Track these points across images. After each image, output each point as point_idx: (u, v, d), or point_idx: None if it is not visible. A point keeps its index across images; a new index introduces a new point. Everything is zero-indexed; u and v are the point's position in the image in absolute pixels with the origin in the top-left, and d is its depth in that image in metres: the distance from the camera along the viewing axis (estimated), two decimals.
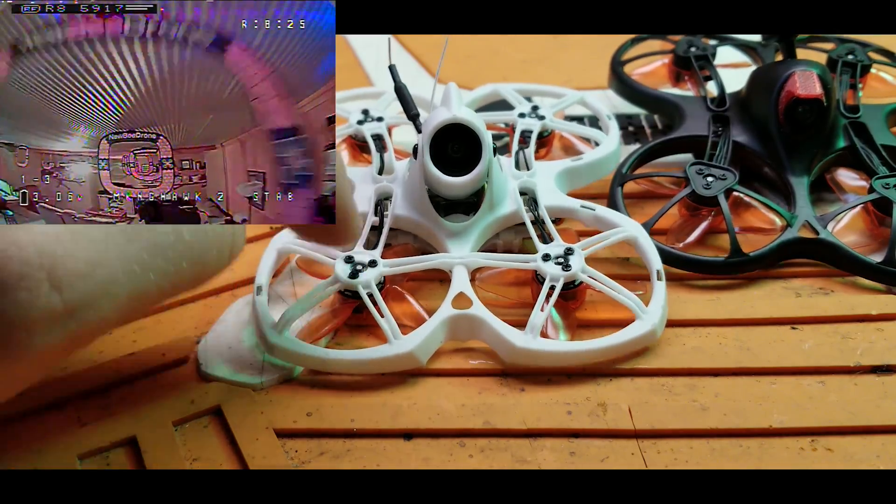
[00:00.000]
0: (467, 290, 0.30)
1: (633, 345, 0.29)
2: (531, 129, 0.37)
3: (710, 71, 0.41)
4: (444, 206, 0.32)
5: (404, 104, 0.34)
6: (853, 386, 0.28)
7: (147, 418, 0.28)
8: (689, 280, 0.33)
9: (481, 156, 0.31)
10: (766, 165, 0.36)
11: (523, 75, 0.47)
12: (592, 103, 0.39)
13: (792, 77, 0.36)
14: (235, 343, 0.30)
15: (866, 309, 0.31)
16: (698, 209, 0.34)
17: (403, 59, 0.48)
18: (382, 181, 0.34)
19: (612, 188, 0.36)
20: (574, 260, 0.30)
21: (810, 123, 0.36)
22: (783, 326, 0.31)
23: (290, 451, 0.27)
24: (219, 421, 0.28)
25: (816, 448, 0.27)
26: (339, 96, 0.39)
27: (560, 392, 0.28)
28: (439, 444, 0.27)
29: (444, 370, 0.29)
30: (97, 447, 0.27)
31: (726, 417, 0.27)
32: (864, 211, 0.34)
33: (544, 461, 0.26)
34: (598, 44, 0.46)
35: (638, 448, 0.27)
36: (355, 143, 0.38)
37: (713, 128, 0.38)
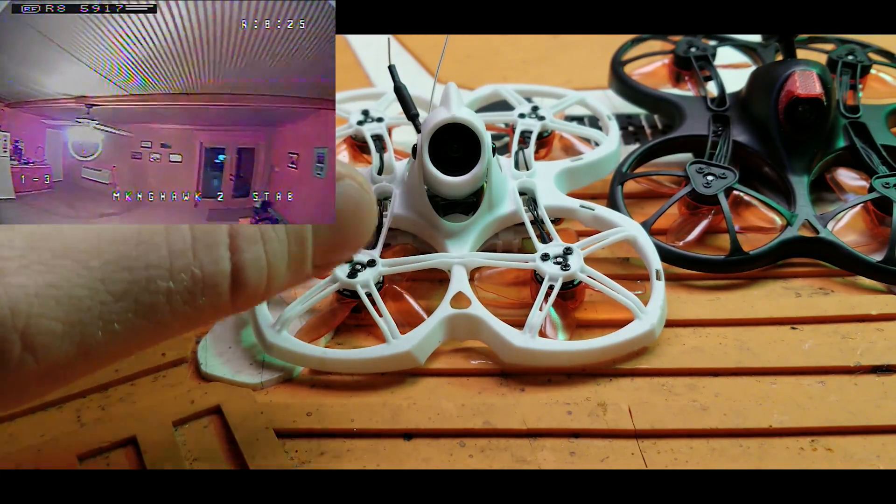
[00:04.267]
0: (466, 290, 0.30)
1: (632, 344, 0.29)
2: (531, 130, 0.37)
3: (710, 71, 0.41)
4: (443, 206, 0.32)
5: (404, 104, 0.34)
6: (853, 386, 0.28)
7: (147, 418, 0.28)
8: (688, 280, 0.33)
9: (480, 156, 0.31)
10: (767, 165, 0.36)
11: (523, 75, 0.47)
12: (592, 103, 0.39)
13: (792, 77, 0.36)
14: (235, 343, 0.30)
15: (866, 309, 0.31)
16: (698, 208, 0.34)
17: (403, 59, 0.48)
18: (382, 181, 0.34)
19: (611, 187, 0.36)
20: (573, 259, 0.30)
21: (810, 123, 0.36)
22: (783, 326, 0.31)
23: (290, 451, 0.27)
24: (219, 421, 0.28)
25: (816, 448, 0.27)
26: (339, 96, 0.39)
27: (560, 392, 0.28)
28: (439, 444, 0.27)
29: (443, 370, 0.29)
30: (97, 447, 0.27)
31: (726, 417, 0.27)
32: (864, 210, 0.34)
33: (544, 461, 0.26)
34: (598, 44, 0.46)
35: (638, 448, 0.27)
36: (355, 144, 0.38)
37: (713, 127, 0.38)
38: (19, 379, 0.19)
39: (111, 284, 0.19)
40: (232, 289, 0.20)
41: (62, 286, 0.19)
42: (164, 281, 0.19)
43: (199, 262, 0.20)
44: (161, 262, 0.19)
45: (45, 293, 0.18)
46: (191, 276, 0.20)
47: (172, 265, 0.20)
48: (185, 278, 0.20)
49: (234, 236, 0.20)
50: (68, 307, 0.19)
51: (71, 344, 0.19)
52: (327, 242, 0.22)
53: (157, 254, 0.19)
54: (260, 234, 0.21)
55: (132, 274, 0.19)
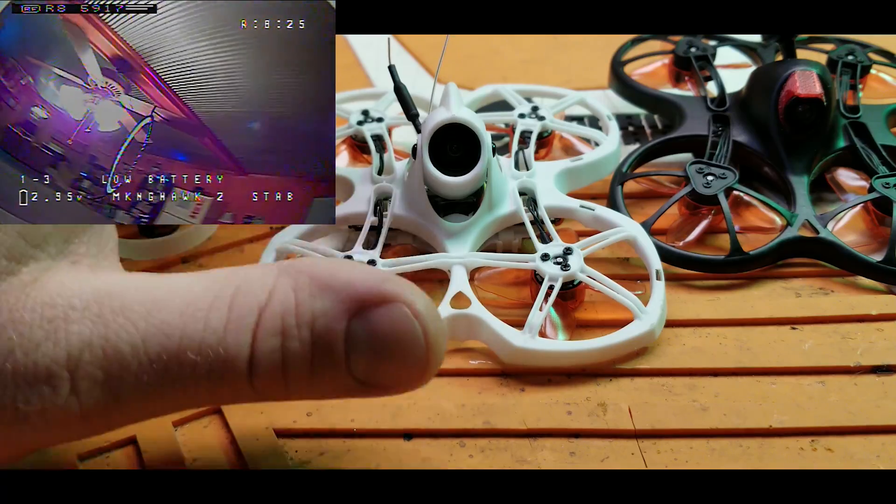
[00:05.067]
0: (466, 290, 0.30)
1: (632, 344, 0.29)
2: (531, 130, 0.37)
3: (710, 71, 0.41)
4: (443, 206, 0.32)
5: (404, 104, 0.34)
6: (853, 386, 0.28)
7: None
8: (688, 280, 0.33)
9: (480, 156, 0.31)
10: (766, 165, 0.36)
11: (523, 75, 0.47)
12: (592, 103, 0.39)
13: (792, 77, 0.36)
14: None
15: (866, 309, 0.31)
16: (698, 208, 0.34)
17: (403, 59, 0.48)
18: (382, 181, 0.34)
19: (611, 187, 0.36)
20: (573, 260, 0.30)
21: (810, 123, 0.36)
22: (783, 326, 0.31)
23: (290, 451, 0.27)
24: (219, 421, 0.28)
25: (816, 448, 0.27)
26: (339, 97, 0.39)
27: (560, 392, 0.28)
28: (439, 444, 0.27)
29: (443, 370, 0.29)
30: (97, 447, 0.27)
31: (726, 417, 0.27)
32: (865, 210, 0.34)
33: (544, 461, 0.26)
34: (598, 44, 0.46)
35: (638, 448, 0.27)
36: (355, 144, 0.38)
37: (713, 127, 0.38)
38: (64, 417, 0.20)
39: (149, 346, 0.20)
40: (248, 375, 0.21)
41: (110, 339, 0.20)
42: (193, 353, 0.20)
43: (226, 343, 0.21)
44: (195, 334, 0.21)
45: (96, 343, 0.20)
46: (215, 354, 0.20)
47: (203, 340, 0.21)
48: (210, 355, 0.21)
49: (259, 325, 0.21)
50: (111, 359, 0.20)
51: (108, 394, 0.20)
52: (368, 362, 0.21)
53: (195, 327, 0.21)
54: (281, 329, 0.21)
55: (168, 340, 0.20)
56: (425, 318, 0.21)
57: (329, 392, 0.22)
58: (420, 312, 0.21)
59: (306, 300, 0.21)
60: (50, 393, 0.20)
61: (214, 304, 0.21)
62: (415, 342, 0.21)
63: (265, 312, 0.21)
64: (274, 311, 0.21)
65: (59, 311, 0.20)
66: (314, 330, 0.21)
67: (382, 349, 0.21)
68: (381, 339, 0.21)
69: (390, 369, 0.21)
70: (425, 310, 0.21)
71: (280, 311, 0.21)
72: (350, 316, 0.21)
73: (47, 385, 0.20)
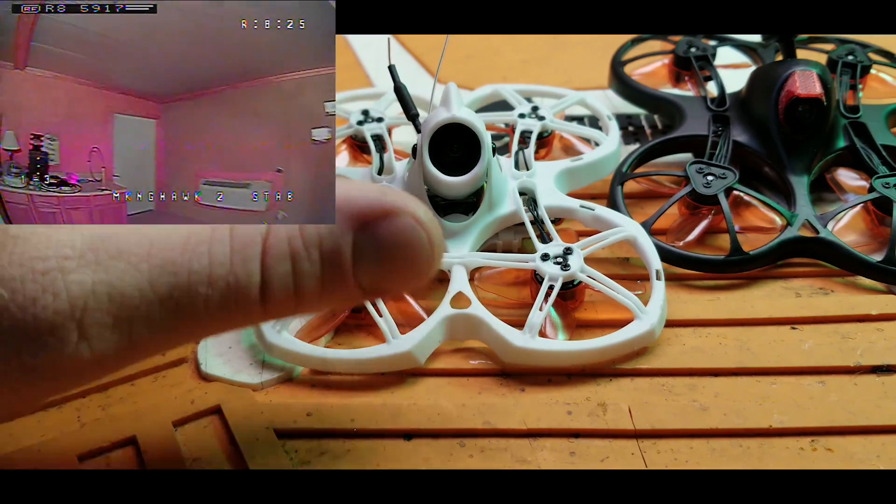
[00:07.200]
0: (466, 290, 0.30)
1: (632, 344, 0.29)
2: (531, 130, 0.37)
3: (710, 71, 0.41)
4: (443, 206, 0.32)
5: (404, 104, 0.34)
6: (853, 386, 0.28)
7: (147, 418, 0.28)
8: (688, 280, 0.33)
9: (480, 156, 0.31)
10: (766, 165, 0.36)
11: (523, 75, 0.47)
12: (592, 103, 0.39)
13: (792, 77, 0.36)
14: (235, 343, 0.30)
15: (866, 309, 0.31)
16: (698, 208, 0.34)
17: (403, 59, 0.48)
18: (382, 181, 0.34)
19: (611, 187, 0.36)
20: (573, 259, 0.30)
21: (810, 123, 0.36)
22: (783, 326, 0.31)
23: (290, 451, 0.27)
24: (219, 421, 0.28)
25: (816, 448, 0.27)
26: (339, 97, 0.39)
27: (560, 392, 0.28)
28: (439, 445, 0.27)
29: (443, 370, 0.29)
30: (97, 447, 0.27)
31: (726, 417, 0.27)
32: (865, 210, 0.34)
33: (544, 461, 0.26)
34: (598, 44, 0.46)
35: (638, 448, 0.27)
36: (355, 144, 0.38)
37: (713, 127, 0.38)
38: (77, 364, 0.20)
39: (157, 286, 0.20)
40: (261, 300, 0.21)
41: (114, 285, 0.20)
42: (203, 287, 0.21)
43: (235, 273, 0.21)
44: (202, 269, 0.21)
45: (99, 290, 0.20)
46: (226, 285, 0.21)
47: (212, 273, 0.21)
48: (222, 286, 0.21)
49: (266, 252, 0.21)
50: (119, 304, 0.20)
51: (120, 336, 0.21)
52: (375, 271, 0.22)
53: (200, 262, 0.21)
54: (290, 253, 0.21)
55: (176, 278, 0.21)
56: (428, 225, 0.22)
57: (335, 303, 0.23)
58: (422, 220, 0.22)
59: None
60: (57, 343, 0.20)
61: (215, 237, 0.21)
62: (422, 249, 0.22)
63: (269, 239, 0.21)
64: (279, 237, 0.21)
65: (52, 262, 0.20)
66: (322, 249, 0.21)
67: (392, 259, 0.22)
68: (390, 249, 0.22)
69: (397, 276, 0.22)
70: (426, 217, 0.22)
71: (286, 236, 0.21)
72: (355, 230, 0.21)
73: (52, 337, 0.20)
